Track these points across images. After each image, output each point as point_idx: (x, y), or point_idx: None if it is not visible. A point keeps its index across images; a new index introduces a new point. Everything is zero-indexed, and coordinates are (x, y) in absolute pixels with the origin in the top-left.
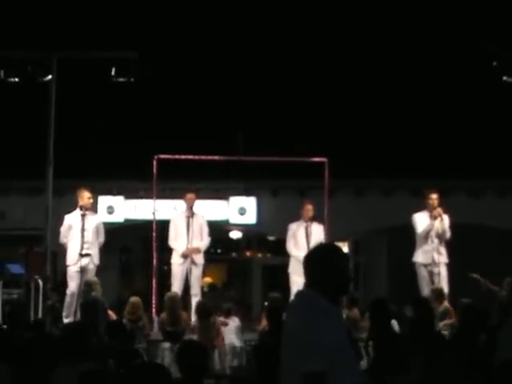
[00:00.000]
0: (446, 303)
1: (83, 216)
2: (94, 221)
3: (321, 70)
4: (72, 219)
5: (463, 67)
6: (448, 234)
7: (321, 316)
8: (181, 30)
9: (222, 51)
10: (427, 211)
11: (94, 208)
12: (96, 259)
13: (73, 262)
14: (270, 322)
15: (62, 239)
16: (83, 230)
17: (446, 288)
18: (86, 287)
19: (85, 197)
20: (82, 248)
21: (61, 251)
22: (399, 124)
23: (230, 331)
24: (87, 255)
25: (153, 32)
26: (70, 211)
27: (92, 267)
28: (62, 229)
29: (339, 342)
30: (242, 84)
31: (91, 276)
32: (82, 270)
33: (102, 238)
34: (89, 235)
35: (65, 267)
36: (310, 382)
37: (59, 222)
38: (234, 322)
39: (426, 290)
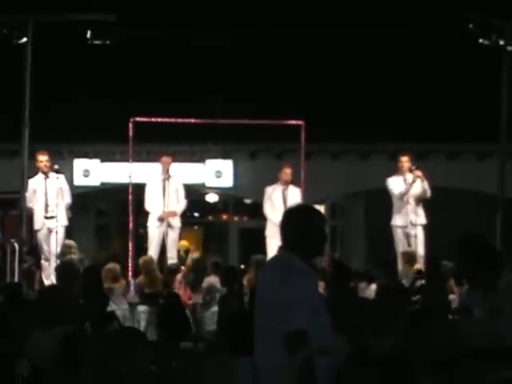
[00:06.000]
0: (418, 265)
1: (45, 179)
2: (57, 183)
3: (298, 34)
4: (35, 183)
5: (438, 29)
6: (429, 193)
7: (298, 276)
8: None
9: (200, 13)
10: (400, 175)
11: (69, 171)
12: (63, 220)
13: (40, 226)
14: (227, 283)
15: (28, 204)
16: (46, 192)
17: (421, 250)
18: (62, 250)
19: (38, 160)
20: (46, 211)
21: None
22: (377, 87)
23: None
24: (52, 217)
25: None
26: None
27: (60, 229)
28: (27, 194)
29: (317, 302)
30: (220, 46)
31: (61, 238)
32: (51, 232)
33: (68, 199)
34: (52, 197)
35: (34, 232)
36: (294, 340)
37: None
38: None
39: None
